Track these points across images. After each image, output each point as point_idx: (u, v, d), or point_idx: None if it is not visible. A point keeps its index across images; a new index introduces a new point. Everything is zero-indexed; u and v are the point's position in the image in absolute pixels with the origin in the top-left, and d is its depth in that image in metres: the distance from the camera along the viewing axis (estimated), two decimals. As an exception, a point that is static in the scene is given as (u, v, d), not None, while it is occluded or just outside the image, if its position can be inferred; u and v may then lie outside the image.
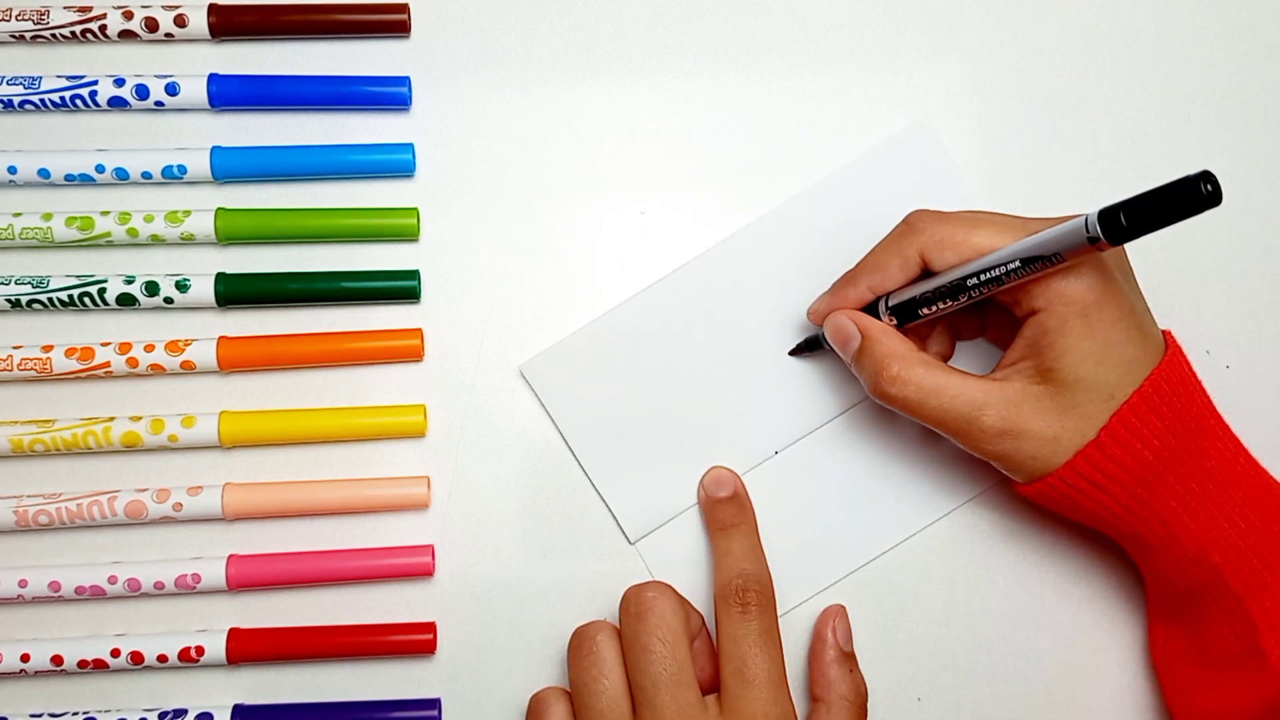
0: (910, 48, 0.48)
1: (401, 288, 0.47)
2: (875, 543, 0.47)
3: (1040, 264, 0.38)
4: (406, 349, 0.47)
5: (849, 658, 0.45)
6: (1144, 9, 0.49)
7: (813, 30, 0.48)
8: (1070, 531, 0.47)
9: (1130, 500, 0.40)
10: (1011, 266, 0.38)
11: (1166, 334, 0.42)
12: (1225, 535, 0.40)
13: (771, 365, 0.47)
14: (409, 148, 0.47)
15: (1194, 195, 0.34)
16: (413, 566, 0.46)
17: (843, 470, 0.47)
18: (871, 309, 0.43)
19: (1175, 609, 0.43)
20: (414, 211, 0.47)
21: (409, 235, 0.47)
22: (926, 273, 0.42)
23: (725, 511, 0.46)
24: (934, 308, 0.41)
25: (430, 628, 0.46)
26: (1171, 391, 0.40)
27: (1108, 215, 0.35)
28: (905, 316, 0.42)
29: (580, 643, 0.43)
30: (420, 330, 0.47)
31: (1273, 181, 0.48)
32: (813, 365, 0.47)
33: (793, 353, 0.47)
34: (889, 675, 0.47)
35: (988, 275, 0.39)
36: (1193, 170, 0.34)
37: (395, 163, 0.47)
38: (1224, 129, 0.49)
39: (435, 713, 0.45)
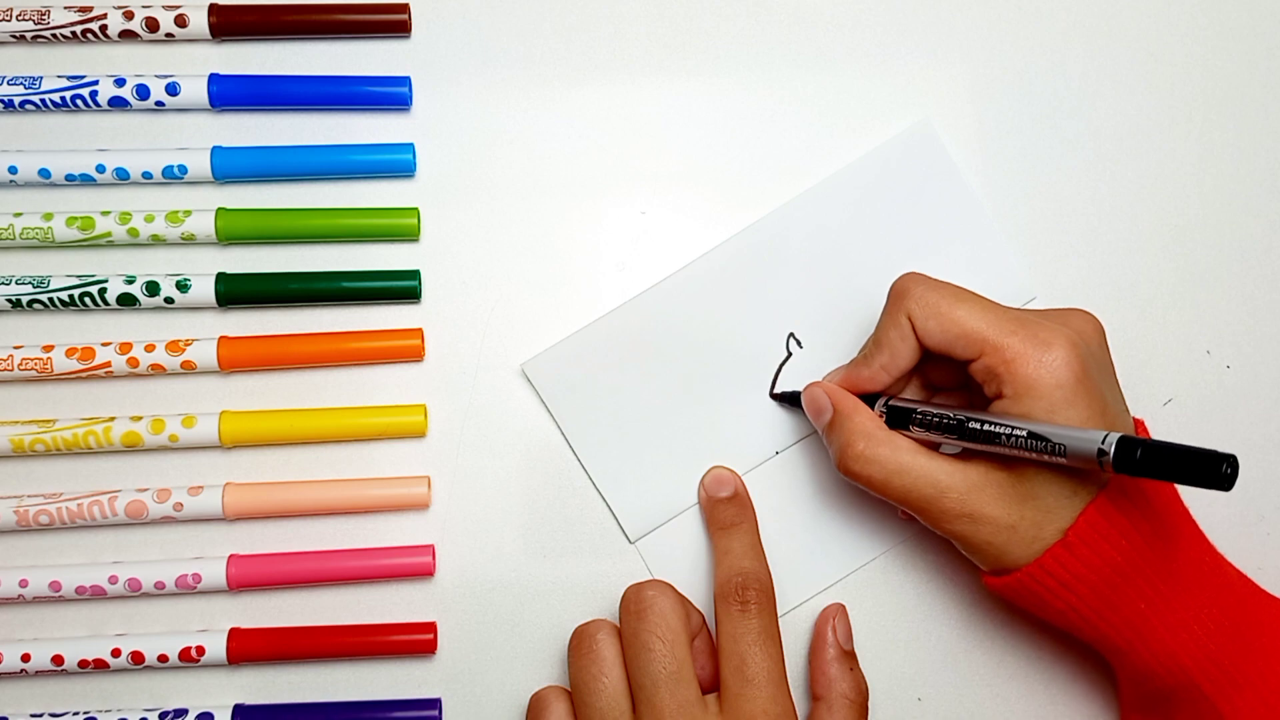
0: (910, 48, 0.48)
1: (402, 288, 0.47)
2: (876, 542, 0.47)
3: (1044, 447, 0.37)
4: (407, 349, 0.47)
5: (849, 656, 0.45)
6: (1144, 9, 0.49)
7: (813, 30, 0.48)
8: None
9: (1098, 602, 0.40)
10: (1018, 433, 0.38)
11: (1138, 423, 0.42)
12: (1194, 637, 0.39)
13: (773, 366, 0.47)
14: (409, 148, 0.47)
15: (1212, 470, 0.34)
16: (413, 566, 0.46)
17: (843, 470, 0.47)
18: (872, 400, 0.43)
19: (1148, 708, 0.42)
20: (414, 211, 0.47)
21: (409, 235, 0.47)
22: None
23: (726, 511, 0.46)
24: (926, 430, 0.41)
25: (430, 628, 0.46)
26: (1137, 490, 0.40)
27: (1126, 444, 0.35)
28: (897, 420, 0.42)
29: (580, 641, 0.43)
30: (420, 330, 0.47)
31: (1273, 181, 0.48)
32: (815, 366, 0.47)
33: (774, 397, 0.47)
34: (889, 675, 0.47)
35: (992, 427, 0.39)
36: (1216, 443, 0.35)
37: (395, 163, 0.47)
38: (1224, 129, 0.49)
39: (435, 713, 0.45)
